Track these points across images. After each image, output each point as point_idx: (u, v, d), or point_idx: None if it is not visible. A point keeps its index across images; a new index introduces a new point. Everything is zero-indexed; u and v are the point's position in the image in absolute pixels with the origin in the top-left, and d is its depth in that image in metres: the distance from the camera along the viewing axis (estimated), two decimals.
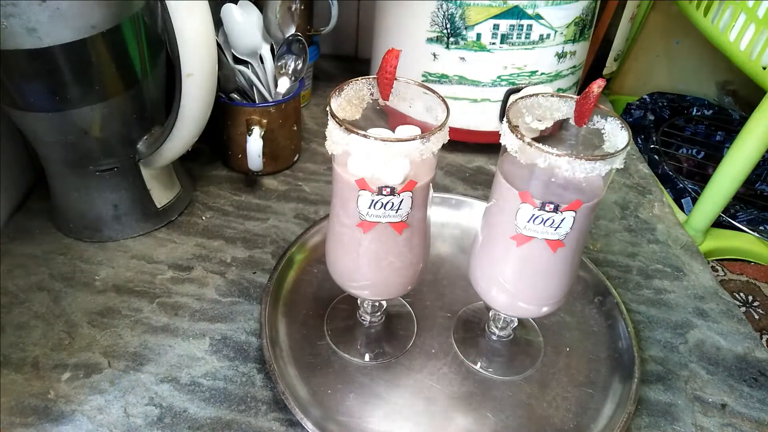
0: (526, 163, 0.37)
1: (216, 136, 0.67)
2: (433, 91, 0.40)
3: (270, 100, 0.66)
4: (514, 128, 0.38)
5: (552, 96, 0.40)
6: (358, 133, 0.36)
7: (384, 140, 0.36)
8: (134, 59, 0.51)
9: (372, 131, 0.39)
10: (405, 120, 0.42)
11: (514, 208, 0.40)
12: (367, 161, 0.38)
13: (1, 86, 0.48)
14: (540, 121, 0.42)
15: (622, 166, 0.37)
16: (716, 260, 1.20)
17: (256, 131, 0.62)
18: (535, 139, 0.36)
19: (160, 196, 0.60)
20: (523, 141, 0.37)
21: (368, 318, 0.52)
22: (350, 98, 0.40)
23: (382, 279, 0.44)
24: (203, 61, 0.50)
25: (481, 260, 0.45)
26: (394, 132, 0.41)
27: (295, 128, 0.69)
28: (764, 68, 0.68)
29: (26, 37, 0.43)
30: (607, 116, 0.39)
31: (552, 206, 0.38)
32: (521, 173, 0.40)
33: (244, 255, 0.59)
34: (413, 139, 0.36)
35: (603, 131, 0.40)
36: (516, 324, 0.51)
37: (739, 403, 0.49)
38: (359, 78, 0.40)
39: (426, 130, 0.37)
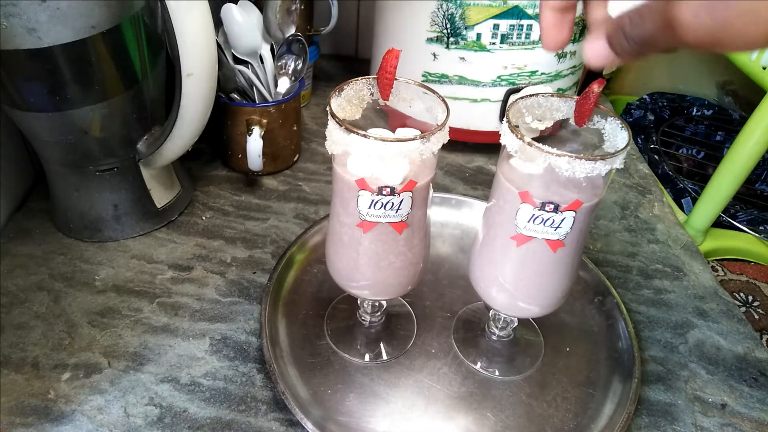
0: (525, 163, 0.37)
1: (216, 136, 0.67)
2: (433, 91, 0.40)
3: (270, 100, 0.66)
4: (514, 128, 0.38)
5: (552, 96, 0.40)
6: (358, 133, 0.36)
7: (384, 140, 0.36)
8: (134, 59, 0.51)
9: (372, 131, 0.39)
10: (405, 120, 0.42)
11: (514, 208, 0.40)
12: (367, 161, 0.38)
13: (1, 86, 0.48)
14: (540, 121, 0.42)
15: (622, 166, 0.37)
16: (716, 260, 1.20)
17: (256, 131, 0.62)
18: (535, 139, 0.37)
19: (160, 196, 0.60)
20: (523, 141, 0.37)
21: (368, 318, 0.52)
22: (350, 98, 0.40)
23: (382, 279, 0.44)
24: (203, 61, 0.50)
25: (481, 260, 0.45)
26: (394, 132, 0.41)
27: (295, 128, 0.69)
28: (764, 68, 0.68)
29: (26, 37, 0.43)
30: (607, 116, 0.39)
31: (552, 206, 0.38)
32: (521, 173, 0.40)
33: (244, 255, 0.59)
34: (413, 139, 0.36)
35: (603, 131, 0.40)
36: (516, 324, 0.51)
37: (739, 403, 0.49)
38: (359, 78, 0.40)
39: (426, 131, 0.37)
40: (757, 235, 1.16)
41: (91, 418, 0.44)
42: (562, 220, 0.39)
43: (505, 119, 0.39)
